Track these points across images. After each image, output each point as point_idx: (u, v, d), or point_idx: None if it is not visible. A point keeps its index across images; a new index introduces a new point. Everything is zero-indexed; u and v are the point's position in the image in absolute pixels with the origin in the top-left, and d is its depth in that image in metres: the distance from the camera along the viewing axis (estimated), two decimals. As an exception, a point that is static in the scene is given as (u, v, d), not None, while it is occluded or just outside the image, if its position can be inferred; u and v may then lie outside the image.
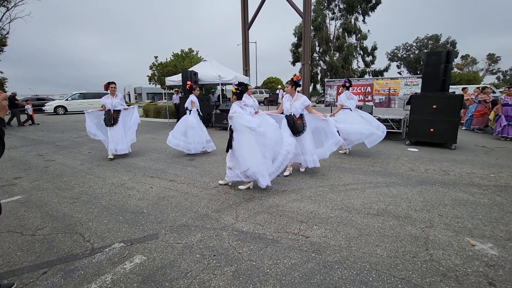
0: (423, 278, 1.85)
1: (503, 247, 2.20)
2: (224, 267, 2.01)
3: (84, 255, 2.20)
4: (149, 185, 3.94)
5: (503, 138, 7.25)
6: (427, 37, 39.78)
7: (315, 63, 32.36)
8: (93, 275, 1.96)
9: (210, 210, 3.02)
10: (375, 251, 2.17)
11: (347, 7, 29.71)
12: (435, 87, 6.15)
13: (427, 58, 6.32)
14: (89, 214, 2.99)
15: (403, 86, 12.96)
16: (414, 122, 6.45)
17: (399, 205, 3.05)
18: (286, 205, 3.11)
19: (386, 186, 3.68)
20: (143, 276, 1.93)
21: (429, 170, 4.40)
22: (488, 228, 2.52)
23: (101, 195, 3.54)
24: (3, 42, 22.80)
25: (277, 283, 1.83)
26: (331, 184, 3.83)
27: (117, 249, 2.28)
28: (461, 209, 2.93)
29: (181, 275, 1.93)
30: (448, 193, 3.38)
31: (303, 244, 2.29)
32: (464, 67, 44.12)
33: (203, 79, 10.69)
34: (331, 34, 31.84)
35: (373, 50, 31.72)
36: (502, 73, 45.63)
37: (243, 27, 15.56)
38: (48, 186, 3.93)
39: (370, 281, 1.83)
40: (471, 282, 1.80)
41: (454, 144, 6.06)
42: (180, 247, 2.29)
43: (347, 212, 2.90)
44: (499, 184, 3.68)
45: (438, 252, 2.15)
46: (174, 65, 18.13)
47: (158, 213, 2.98)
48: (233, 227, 2.62)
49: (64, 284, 1.86)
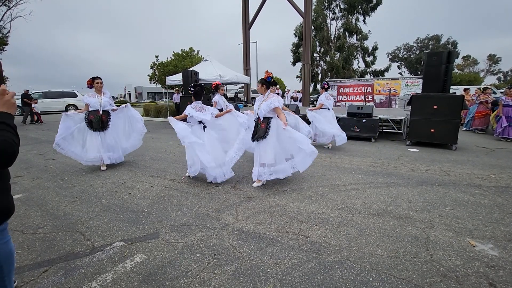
0: (424, 278, 1.85)
1: (503, 248, 2.20)
2: (225, 267, 2.01)
3: (84, 254, 2.21)
4: (150, 184, 3.94)
5: (503, 139, 7.24)
6: (428, 38, 39.71)
7: (315, 63, 32.34)
8: (94, 273, 1.96)
9: (211, 210, 3.02)
10: (376, 251, 2.17)
11: (347, 7, 29.67)
12: (436, 87, 6.14)
13: (428, 59, 6.31)
14: (89, 212, 2.99)
15: (404, 86, 12.94)
16: (414, 123, 6.44)
17: (399, 206, 3.05)
18: (286, 205, 3.11)
19: (386, 187, 3.68)
20: (143, 275, 1.93)
21: (430, 171, 4.39)
22: (489, 228, 2.52)
23: (102, 194, 3.54)
24: (4, 41, 22.81)
25: (278, 282, 1.83)
26: (331, 184, 3.83)
27: (118, 248, 2.28)
28: (461, 209, 2.93)
29: (182, 274, 1.93)
30: (448, 194, 3.38)
31: (304, 244, 2.30)
32: (464, 68, 44.06)
33: (204, 78, 10.70)
34: (332, 34, 31.81)
35: (373, 51, 31.67)
36: (503, 74, 45.59)
37: (244, 26, 15.56)
38: (49, 184, 3.93)
39: (370, 281, 1.83)
40: (472, 282, 1.80)
41: (455, 144, 6.05)
42: (180, 246, 2.30)
43: (348, 212, 2.90)
44: (500, 185, 3.68)
45: (438, 252, 2.15)
46: (175, 64, 18.11)
47: (159, 212, 2.98)
48: (234, 227, 2.62)
49: (64, 283, 1.87)
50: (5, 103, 1.05)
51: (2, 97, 1.04)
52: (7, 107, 1.05)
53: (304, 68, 14.21)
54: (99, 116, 4.50)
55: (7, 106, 1.05)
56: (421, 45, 40.19)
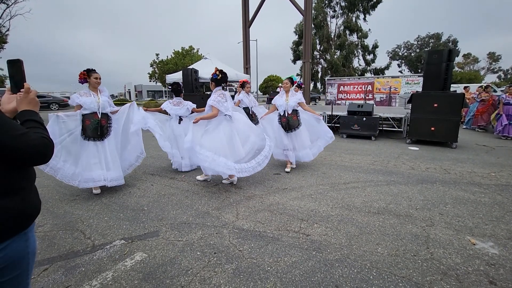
0: (424, 276, 1.85)
1: (503, 246, 2.20)
2: (225, 265, 2.01)
3: (85, 252, 2.21)
4: (150, 182, 3.94)
5: (504, 137, 7.23)
6: (429, 36, 39.57)
7: (316, 61, 32.26)
8: (94, 272, 1.96)
9: (211, 208, 3.02)
10: (376, 250, 2.17)
11: (348, 5, 29.55)
12: (436, 85, 6.13)
13: (428, 57, 6.29)
14: (89, 211, 2.99)
15: (404, 84, 12.91)
16: (415, 121, 6.43)
17: (400, 204, 3.05)
18: (286, 203, 3.11)
19: (387, 185, 3.67)
20: (143, 273, 1.93)
21: (430, 169, 4.39)
22: (489, 227, 2.52)
23: (102, 193, 3.54)
24: (4, 39, 22.73)
25: (278, 281, 1.83)
26: (331, 182, 3.83)
27: (118, 246, 2.28)
28: (461, 207, 2.93)
29: (182, 273, 1.93)
30: (449, 192, 3.38)
31: (304, 242, 2.30)
32: (465, 66, 43.96)
33: (204, 77, 10.67)
34: (332, 32, 31.71)
35: (374, 49, 31.56)
36: (503, 72, 45.52)
37: (244, 25, 15.49)
38: (49, 183, 3.93)
39: (370, 280, 1.83)
40: (472, 280, 1.80)
41: (455, 143, 6.05)
42: (180, 244, 2.30)
43: (348, 211, 2.89)
44: (500, 183, 3.68)
45: (438, 250, 2.15)
46: (174, 62, 18.10)
47: (159, 210, 2.98)
48: (234, 225, 2.62)
49: (65, 281, 1.87)
50: (30, 102, 1.07)
51: (27, 95, 1.06)
52: (32, 105, 1.07)
53: (304, 66, 14.17)
54: (98, 120, 3.36)
55: (32, 104, 1.07)
56: (422, 43, 40.08)
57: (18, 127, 0.91)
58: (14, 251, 0.96)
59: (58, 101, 20.80)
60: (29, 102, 1.06)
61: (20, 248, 0.99)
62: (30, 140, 0.91)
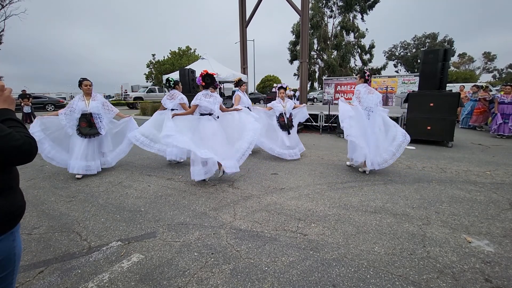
0: (420, 275, 1.86)
1: (499, 244, 2.22)
2: (222, 265, 2.01)
3: (81, 254, 2.19)
4: (147, 183, 3.92)
5: (499, 136, 7.31)
6: (425, 36, 39.87)
7: (313, 61, 32.32)
8: (90, 274, 1.94)
9: (208, 208, 3.01)
10: (373, 249, 2.18)
11: (345, 5, 29.66)
12: (432, 85, 6.17)
13: (424, 56, 6.33)
14: (86, 212, 2.97)
15: (401, 84, 13.00)
16: (411, 120, 6.47)
17: (396, 203, 3.06)
18: (284, 203, 3.11)
19: (383, 184, 3.69)
20: (140, 275, 1.92)
21: (426, 168, 4.42)
22: (485, 225, 2.54)
23: (98, 194, 3.51)
24: (-2, 40, 22.52)
25: (275, 280, 1.83)
26: (328, 182, 3.83)
27: (115, 248, 2.27)
28: (457, 206, 2.95)
29: (179, 273, 1.93)
30: (445, 191, 3.40)
31: (301, 242, 2.30)
32: (461, 66, 44.32)
33: (201, 77, 10.65)
34: (329, 32, 31.80)
35: (370, 49, 31.69)
36: (498, 71, 45.94)
37: (241, 24, 15.47)
38: (45, 184, 3.89)
39: (367, 278, 1.83)
40: (468, 278, 1.82)
41: (451, 142, 6.09)
42: (178, 245, 2.29)
43: (345, 210, 2.90)
44: (495, 182, 3.71)
45: (435, 249, 2.16)
46: (171, 63, 18.04)
47: (156, 211, 2.97)
48: (231, 225, 2.61)
49: (61, 283, 1.85)
50: (5, 100, 1.03)
51: (2, 94, 1.02)
52: (8, 104, 1.04)
53: (301, 66, 14.19)
54: (88, 117, 4.10)
55: (8, 102, 1.04)
56: (418, 42, 40.37)
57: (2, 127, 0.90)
58: (2, 251, 0.96)
59: (53, 102, 20.61)
60: (5, 100, 1.03)
61: (7, 247, 0.98)
62: (15, 140, 0.90)
